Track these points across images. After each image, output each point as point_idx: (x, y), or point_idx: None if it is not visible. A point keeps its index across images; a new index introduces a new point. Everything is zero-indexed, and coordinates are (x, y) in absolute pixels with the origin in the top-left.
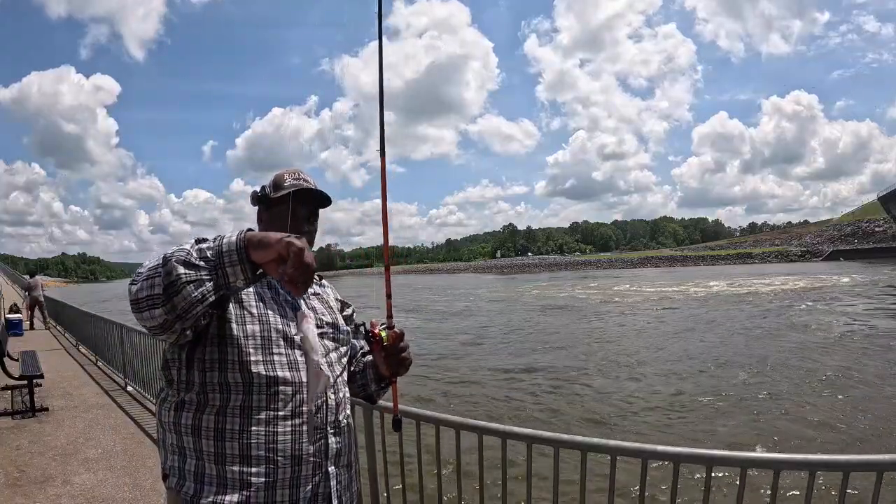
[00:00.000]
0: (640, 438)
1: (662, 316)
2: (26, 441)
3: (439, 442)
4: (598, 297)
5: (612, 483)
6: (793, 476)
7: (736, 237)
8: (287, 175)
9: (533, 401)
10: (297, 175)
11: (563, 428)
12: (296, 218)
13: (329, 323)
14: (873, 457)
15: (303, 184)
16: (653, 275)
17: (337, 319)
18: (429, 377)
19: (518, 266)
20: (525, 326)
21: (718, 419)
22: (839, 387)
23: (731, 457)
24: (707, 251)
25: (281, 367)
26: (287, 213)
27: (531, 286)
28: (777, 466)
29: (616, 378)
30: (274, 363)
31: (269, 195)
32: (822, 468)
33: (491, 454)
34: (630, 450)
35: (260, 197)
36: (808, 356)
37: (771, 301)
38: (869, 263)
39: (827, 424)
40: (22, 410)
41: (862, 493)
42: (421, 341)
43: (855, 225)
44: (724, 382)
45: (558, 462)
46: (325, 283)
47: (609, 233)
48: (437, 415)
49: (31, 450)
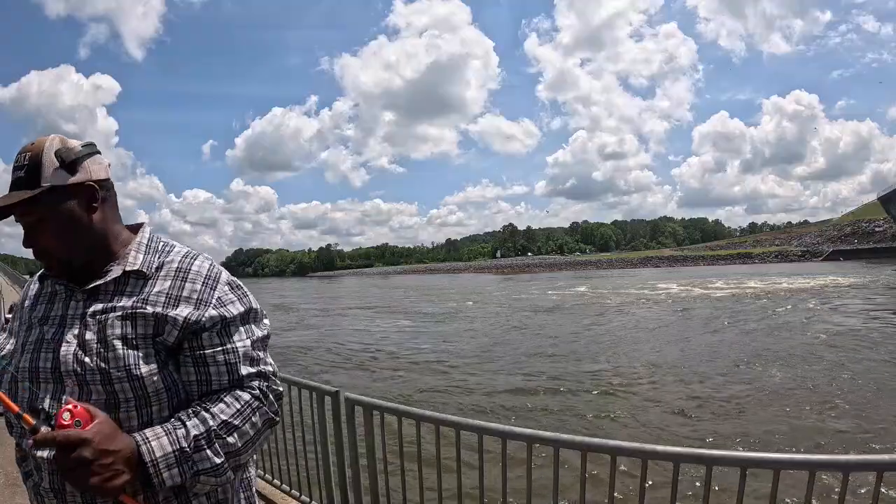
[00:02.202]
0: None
1: (672, 313)
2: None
3: (439, 442)
4: (622, 296)
5: (612, 483)
6: (793, 476)
7: (736, 237)
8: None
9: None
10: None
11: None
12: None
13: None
14: (873, 457)
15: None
16: (655, 274)
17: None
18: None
19: (518, 266)
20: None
21: (748, 419)
22: (840, 387)
23: (731, 457)
24: (707, 251)
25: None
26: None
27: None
28: (777, 466)
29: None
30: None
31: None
32: (822, 468)
33: (494, 454)
34: (630, 450)
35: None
36: (813, 355)
37: (789, 299)
38: (869, 263)
39: (827, 424)
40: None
41: (862, 493)
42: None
43: (855, 225)
44: (759, 380)
45: (558, 462)
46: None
47: (609, 233)
48: (437, 415)
49: None
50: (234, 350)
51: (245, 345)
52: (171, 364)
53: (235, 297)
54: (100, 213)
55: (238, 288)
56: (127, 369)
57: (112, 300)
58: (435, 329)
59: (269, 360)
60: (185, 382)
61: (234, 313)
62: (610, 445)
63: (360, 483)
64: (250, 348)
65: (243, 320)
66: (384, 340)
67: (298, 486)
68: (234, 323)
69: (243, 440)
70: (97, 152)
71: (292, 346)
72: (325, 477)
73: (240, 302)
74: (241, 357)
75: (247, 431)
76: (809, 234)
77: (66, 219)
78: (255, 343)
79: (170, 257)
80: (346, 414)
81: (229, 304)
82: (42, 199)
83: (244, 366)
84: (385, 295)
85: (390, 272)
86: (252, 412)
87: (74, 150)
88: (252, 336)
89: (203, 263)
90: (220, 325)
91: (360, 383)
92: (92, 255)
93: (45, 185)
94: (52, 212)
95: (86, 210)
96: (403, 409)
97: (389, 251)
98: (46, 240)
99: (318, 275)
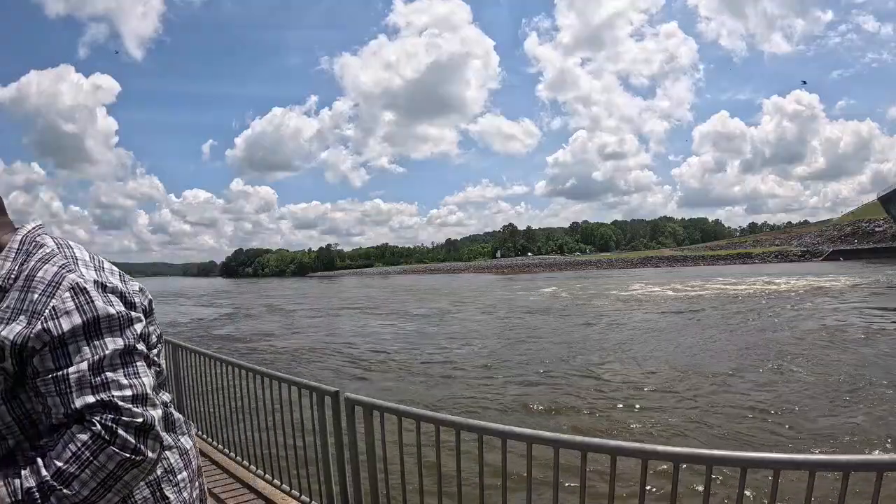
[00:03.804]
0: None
1: (670, 313)
2: None
3: (439, 442)
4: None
5: (612, 483)
6: (793, 476)
7: (736, 237)
8: None
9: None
10: None
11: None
12: None
13: None
14: (873, 457)
15: None
16: (656, 274)
17: None
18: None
19: (518, 266)
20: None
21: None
22: (842, 386)
23: (731, 457)
24: (707, 251)
25: None
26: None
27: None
28: (777, 466)
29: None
30: None
31: None
32: (822, 468)
33: (495, 454)
34: (630, 450)
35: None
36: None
37: (797, 297)
38: (869, 263)
39: (830, 423)
40: None
41: (862, 494)
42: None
43: (855, 225)
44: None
45: (558, 462)
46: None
47: (609, 233)
48: (437, 415)
49: None
50: (64, 378)
51: (80, 368)
52: (22, 394)
53: (75, 304)
54: None
55: (82, 293)
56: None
57: None
58: (435, 330)
59: (124, 382)
60: (39, 412)
61: (65, 328)
62: (610, 445)
63: (360, 483)
64: (88, 372)
65: (85, 335)
66: (384, 341)
67: (298, 487)
68: (71, 340)
69: (87, 488)
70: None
71: (291, 348)
72: (325, 477)
73: (79, 311)
74: (74, 385)
75: (88, 478)
76: (809, 234)
77: None
78: (100, 363)
79: (28, 263)
80: (346, 414)
81: (62, 315)
82: None
83: (79, 395)
84: (385, 296)
85: (390, 272)
86: (92, 455)
87: None
88: (95, 355)
89: (51, 268)
90: (51, 343)
91: (361, 383)
92: None
93: None
94: None
95: None
96: (403, 410)
97: (389, 251)
98: None
99: (318, 275)
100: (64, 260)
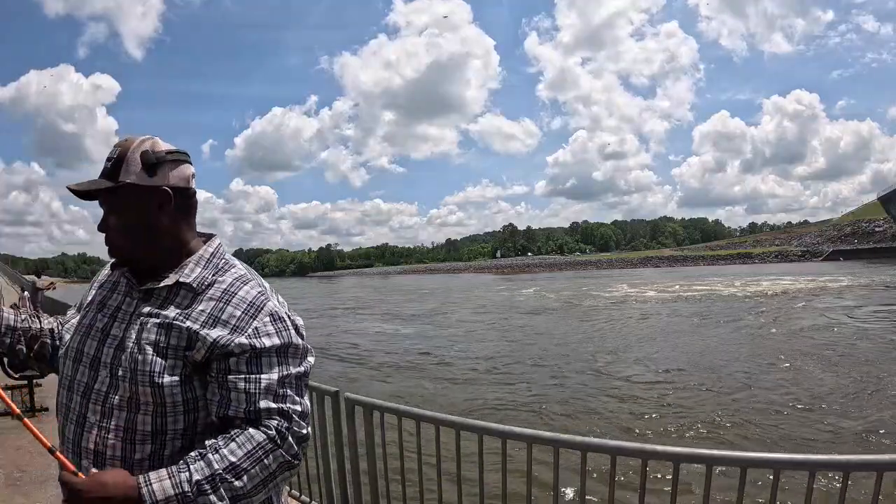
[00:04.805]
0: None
1: (674, 312)
2: (26, 441)
3: (439, 442)
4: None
5: (612, 483)
6: (793, 476)
7: (736, 237)
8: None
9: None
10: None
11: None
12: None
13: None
14: (873, 457)
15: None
16: (657, 274)
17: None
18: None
19: (518, 266)
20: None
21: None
22: (835, 387)
23: (731, 457)
24: (707, 251)
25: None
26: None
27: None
28: (777, 466)
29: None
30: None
31: None
32: (822, 468)
33: (495, 455)
34: (630, 450)
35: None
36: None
37: (798, 298)
38: (869, 263)
39: (829, 424)
40: (22, 411)
41: (862, 493)
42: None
43: (855, 225)
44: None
45: (558, 462)
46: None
47: (609, 233)
48: (437, 415)
49: (32, 450)
50: (256, 380)
51: (270, 378)
52: (196, 380)
53: (274, 329)
54: (169, 219)
55: (279, 321)
56: (150, 374)
57: (160, 306)
58: (435, 331)
59: (298, 399)
60: (207, 400)
61: (266, 345)
62: (610, 445)
63: (360, 483)
64: (276, 383)
65: (278, 354)
66: (384, 342)
67: (298, 487)
68: (266, 355)
69: (252, 483)
70: (185, 161)
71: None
72: (325, 477)
73: (277, 335)
74: (263, 390)
75: (256, 475)
76: (809, 234)
77: (134, 216)
78: (284, 379)
79: (223, 277)
80: (347, 414)
81: (265, 336)
82: (119, 193)
83: (264, 399)
84: (385, 296)
85: (390, 272)
86: (264, 454)
87: (159, 154)
88: (283, 372)
89: (251, 291)
90: (250, 354)
91: (361, 384)
92: (154, 258)
93: (122, 181)
94: (124, 206)
95: (155, 213)
96: (403, 409)
97: (389, 251)
98: (113, 232)
99: (318, 275)
100: (260, 287)
